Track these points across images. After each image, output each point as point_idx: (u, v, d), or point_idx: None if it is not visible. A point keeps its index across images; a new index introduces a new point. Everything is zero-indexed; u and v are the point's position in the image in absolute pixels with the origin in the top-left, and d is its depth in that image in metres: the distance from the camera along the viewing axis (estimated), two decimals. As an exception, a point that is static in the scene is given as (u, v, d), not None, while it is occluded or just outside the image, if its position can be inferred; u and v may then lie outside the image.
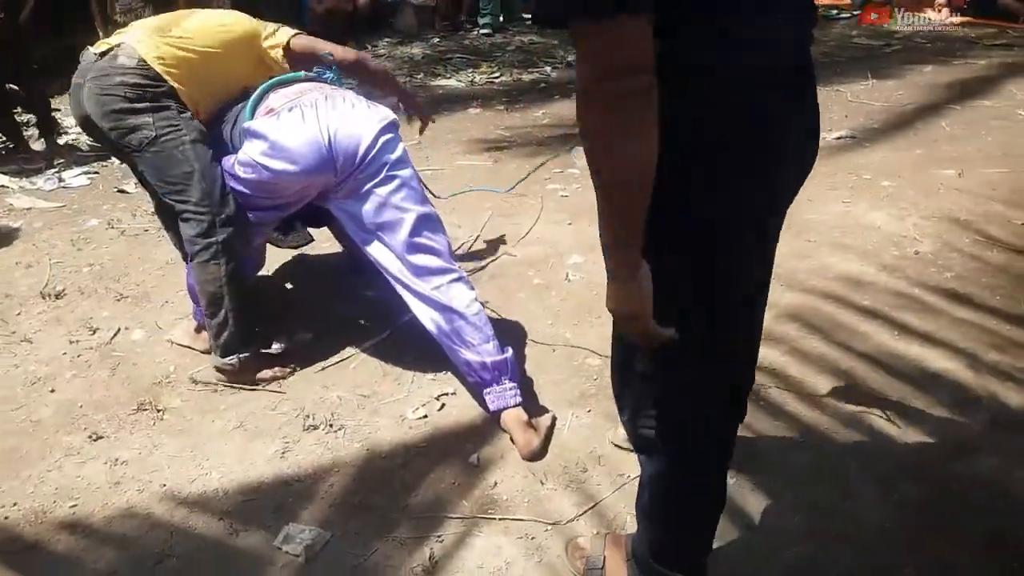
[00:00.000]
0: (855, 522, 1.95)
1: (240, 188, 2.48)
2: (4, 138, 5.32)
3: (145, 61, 2.42)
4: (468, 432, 2.36)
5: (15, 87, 5.08)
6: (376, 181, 2.40)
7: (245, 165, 2.41)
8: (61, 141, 5.29)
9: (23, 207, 4.29)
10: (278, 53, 2.64)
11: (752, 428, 2.28)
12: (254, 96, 2.50)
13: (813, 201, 3.73)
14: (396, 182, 2.40)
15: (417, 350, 2.68)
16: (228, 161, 2.49)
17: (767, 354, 2.58)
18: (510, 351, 2.38)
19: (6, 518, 2.09)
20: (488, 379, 2.33)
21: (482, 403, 2.37)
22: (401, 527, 2.01)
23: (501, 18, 8.33)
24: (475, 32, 8.27)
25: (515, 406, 2.30)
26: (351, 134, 2.35)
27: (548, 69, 6.88)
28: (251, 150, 2.38)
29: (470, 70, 6.92)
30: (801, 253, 3.30)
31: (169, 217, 2.65)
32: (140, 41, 2.45)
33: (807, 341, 2.71)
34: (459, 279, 2.43)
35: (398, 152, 2.44)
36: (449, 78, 6.70)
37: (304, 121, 2.33)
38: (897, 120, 5.06)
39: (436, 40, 8.06)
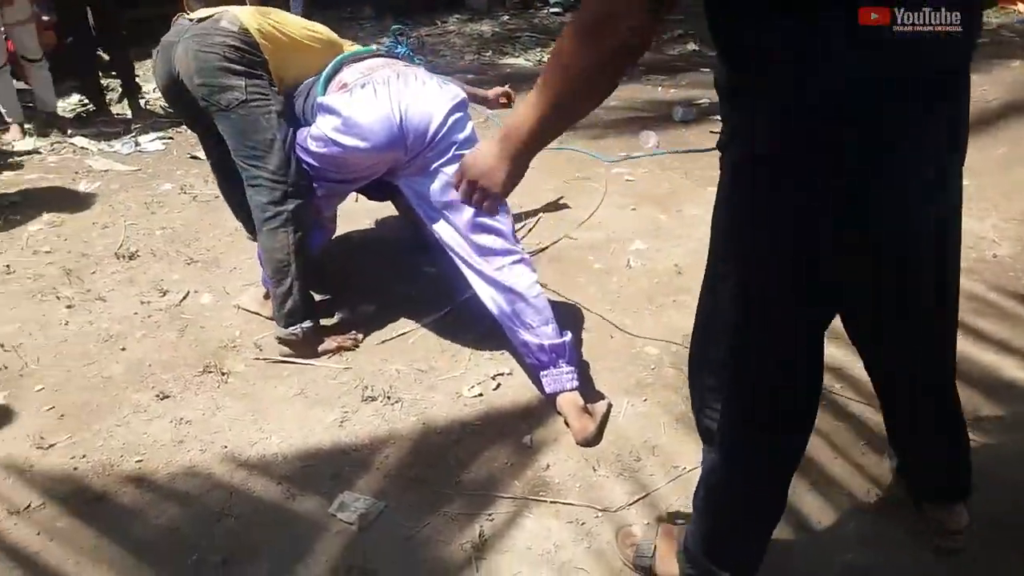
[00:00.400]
0: (914, 532, 1.90)
1: (311, 161, 2.51)
2: (87, 101, 5.50)
3: (247, 30, 2.50)
4: (523, 413, 2.37)
5: (103, 53, 5.24)
6: (445, 159, 2.41)
7: (317, 140, 2.44)
8: (140, 105, 5.44)
9: (101, 169, 4.44)
10: None
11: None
12: (327, 70, 2.53)
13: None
14: None
15: (476, 329, 2.70)
16: (301, 134, 2.53)
17: (832, 353, 2.52)
18: (569, 335, 2.38)
19: (75, 469, 2.18)
20: (545, 361, 2.33)
21: (538, 385, 2.37)
22: (453, 503, 2.04)
23: (573, -4, 8.26)
24: (545, 11, 8.21)
25: (571, 390, 2.30)
26: (422, 112, 2.36)
27: (618, 51, 6.78)
28: (324, 125, 2.41)
29: (538, 49, 6.87)
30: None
31: (234, 190, 2.71)
32: (242, 12, 2.55)
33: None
34: (521, 260, 2.43)
35: (467, 131, 2.44)
36: (517, 57, 6.67)
37: (376, 98, 2.35)
38: (980, 116, 4.85)
39: (506, 18, 8.03)
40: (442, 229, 2.47)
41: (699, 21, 6.50)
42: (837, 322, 1.47)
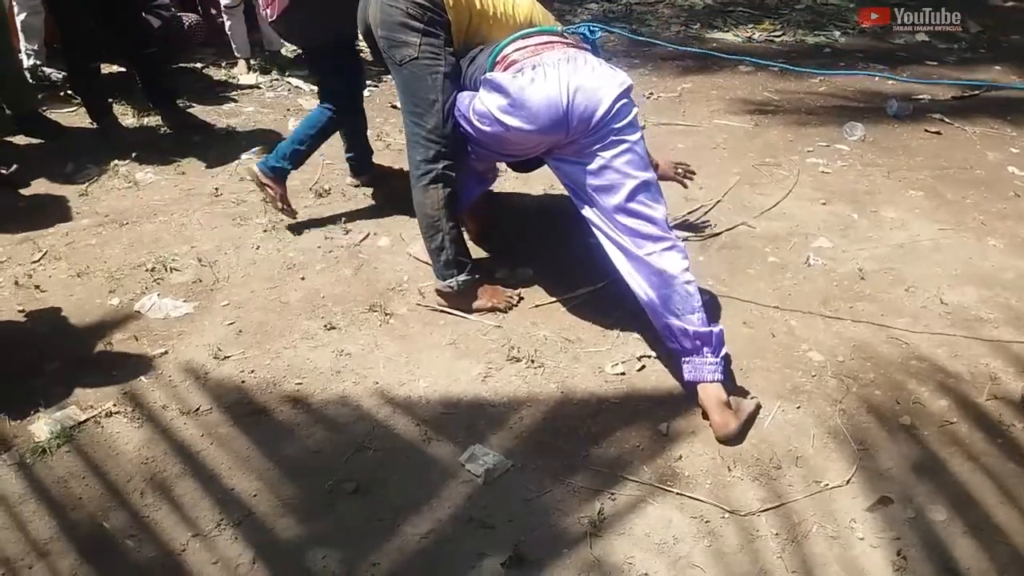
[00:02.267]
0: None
1: (470, 132, 2.54)
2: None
3: None
4: (663, 399, 2.31)
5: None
6: (603, 144, 2.35)
7: (482, 116, 2.45)
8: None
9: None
10: None
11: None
12: (500, 45, 2.51)
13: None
14: (623, 146, 2.35)
15: (628, 306, 2.64)
16: (463, 102, 2.55)
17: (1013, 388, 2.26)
18: (719, 327, 2.28)
19: (243, 382, 2.39)
20: (688, 348, 2.25)
21: (679, 373, 2.30)
22: (578, 475, 2.04)
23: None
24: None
25: (713, 382, 2.21)
26: (589, 98, 2.32)
27: (837, 33, 6.34)
28: (489, 102, 2.41)
29: (751, 25, 6.55)
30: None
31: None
32: None
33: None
34: (673, 247, 2.34)
35: (629, 117, 2.36)
36: (727, 31, 6.39)
37: (546, 80, 2.32)
38: None
39: (722, -10, 7.70)
40: (592, 212, 2.44)
41: (934, 9, 5.93)
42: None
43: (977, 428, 2.19)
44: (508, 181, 3.61)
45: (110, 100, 4.29)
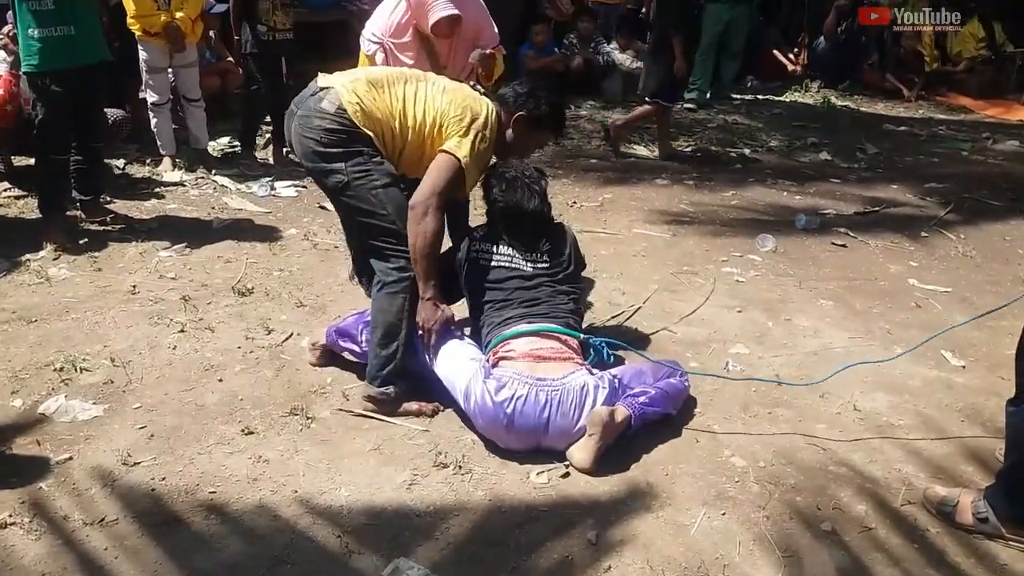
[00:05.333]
0: None
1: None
2: (236, 143, 5.89)
3: (344, 109, 2.53)
4: (591, 507, 2.29)
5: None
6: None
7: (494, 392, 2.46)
8: (283, 154, 5.74)
9: (235, 207, 4.73)
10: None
11: None
12: (503, 335, 2.62)
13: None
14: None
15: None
16: (477, 385, 2.50)
17: None
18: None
19: (153, 490, 2.26)
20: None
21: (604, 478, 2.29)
22: (506, 589, 1.98)
23: (708, 95, 8.28)
24: (678, 106, 8.25)
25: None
26: (564, 428, 2.45)
27: (747, 151, 6.73)
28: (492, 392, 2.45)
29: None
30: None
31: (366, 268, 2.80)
32: (346, 88, 2.57)
33: None
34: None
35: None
36: (644, 147, 6.71)
37: (523, 410, 2.41)
38: None
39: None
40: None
41: (833, 132, 6.43)
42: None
43: (896, 533, 2.23)
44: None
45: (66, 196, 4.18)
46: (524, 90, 2.77)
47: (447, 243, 2.80)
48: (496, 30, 3.59)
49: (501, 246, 2.77)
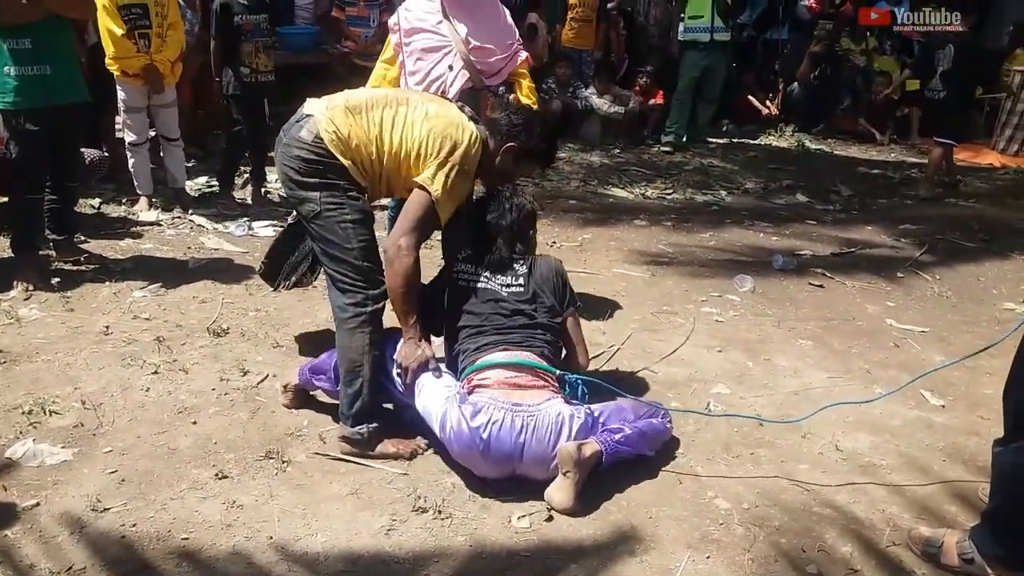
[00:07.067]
0: None
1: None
2: (213, 183, 5.86)
3: (321, 139, 2.53)
4: (574, 552, 2.24)
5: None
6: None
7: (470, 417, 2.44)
8: (261, 193, 5.72)
9: (212, 247, 4.68)
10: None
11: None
12: (477, 364, 2.59)
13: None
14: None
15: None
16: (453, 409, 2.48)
17: None
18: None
19: (123, 537, 2.19)
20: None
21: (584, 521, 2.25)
22: (487, 638, 1.92)
23: (685, 138, 8.40)
24: (656, 148, 8.37)
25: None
26: (539, 455, 2.44)
27: (724, 193, 6.81)
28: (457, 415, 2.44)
29: (644, 184, 6.97)
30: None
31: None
32: (324, 115, 2.57)
33: None
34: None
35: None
36: (622, 188, 6.77)
37: (499, 435, 2.40)
38: None
39: (616, 151, 8.21)
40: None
41: (808, 175, 6.54)
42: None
43: (882, 575, 2.21)
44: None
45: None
46: (519, 121, 2.78)
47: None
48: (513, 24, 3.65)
49: (478, 267, 2.75)
